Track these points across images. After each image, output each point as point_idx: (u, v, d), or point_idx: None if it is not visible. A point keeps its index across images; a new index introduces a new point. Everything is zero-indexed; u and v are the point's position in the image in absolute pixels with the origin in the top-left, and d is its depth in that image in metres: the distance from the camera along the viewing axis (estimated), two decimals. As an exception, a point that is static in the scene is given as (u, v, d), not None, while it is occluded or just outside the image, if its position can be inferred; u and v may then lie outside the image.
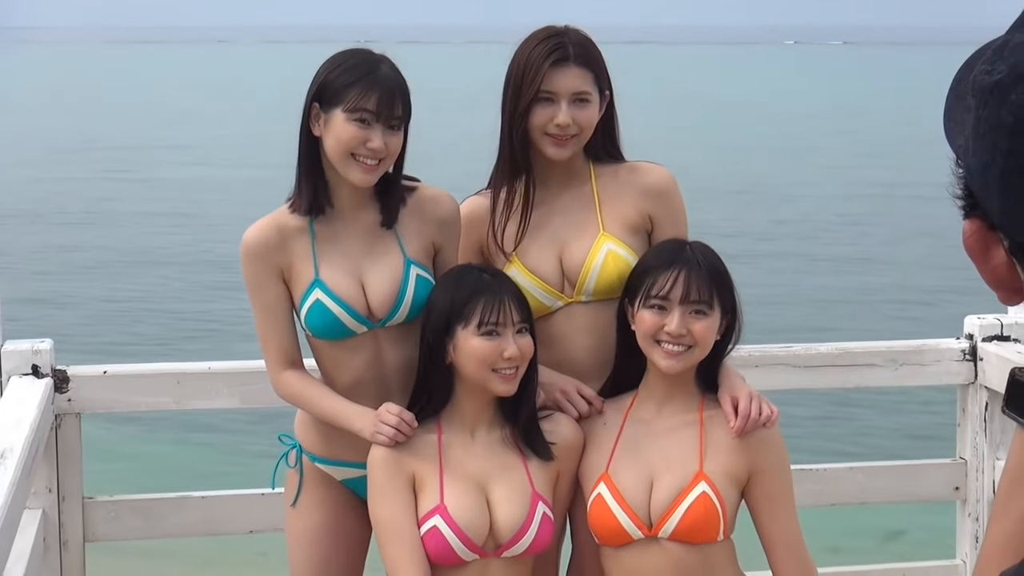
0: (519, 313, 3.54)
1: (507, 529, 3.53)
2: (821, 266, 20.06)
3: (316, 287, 3.71)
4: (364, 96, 3.60)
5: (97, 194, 27.40)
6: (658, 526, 3.52)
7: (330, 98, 3.64)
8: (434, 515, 3.52)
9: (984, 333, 4.89)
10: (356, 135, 3.60)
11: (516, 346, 3.51)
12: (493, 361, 3.50)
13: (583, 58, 3.74)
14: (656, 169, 3.89)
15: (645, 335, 3.55)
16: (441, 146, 26.64)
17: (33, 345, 4.45)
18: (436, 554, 3.51)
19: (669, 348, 3.53)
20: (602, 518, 3.55)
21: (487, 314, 3.51)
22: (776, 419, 3.59)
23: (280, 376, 3.80)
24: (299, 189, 3.74)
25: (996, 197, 1.34)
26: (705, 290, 3.53)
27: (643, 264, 3.63)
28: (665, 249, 3.64)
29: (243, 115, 48.18)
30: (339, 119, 3.62)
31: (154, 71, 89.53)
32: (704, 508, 3.50)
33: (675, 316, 3.51)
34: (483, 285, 3.55)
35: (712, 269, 3.57)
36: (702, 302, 3.53)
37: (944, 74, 1.47)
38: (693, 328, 3.51)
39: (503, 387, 3.53)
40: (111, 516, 4.58)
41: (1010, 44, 1.34)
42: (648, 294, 3.54)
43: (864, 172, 31.65)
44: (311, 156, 3.71)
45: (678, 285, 3.52)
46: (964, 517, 4.98)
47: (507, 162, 3.80)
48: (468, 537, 3.50)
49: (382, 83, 3.62)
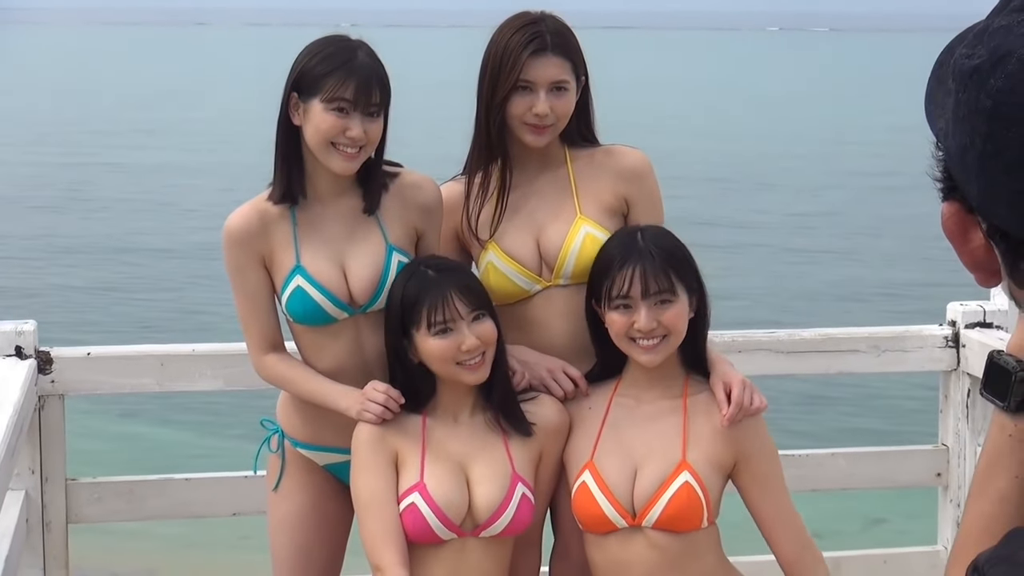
0: (468, 304, 3.53)
1: (485, 509, 3.54)
2: (800, 255, 20.07)
3: (297, 273, 3.70)
4: (341, 85, 3.60)
5: (73, 177, 27.31)
6: (641, 515, 3.52)
7: (308, 87, 3.64)
8: (413, 492, 3.53)
9: (967, 320, 4.90)
10: (335, 124, 3.60)
11: (473, 336, 3.51)
12: (453, 356, 3.52)
13: (561, 47, 3.74)
14: (631, 152, 3.89)
15: (618, 335, 3.56)
16: (423, 129, 26.60)
17: (16, 326, 4.45)
18: (413, 531, 3.52)
19: (644, 343, 3.53)
20: (586, 506, 3.56)
21: (432, 314, 3.52)
22: (765, 409, 3.61)
23: (263, 360, 3.81)
24: (275, 177, 3.74)
25: (974, 180, 1.35)
26: (664, 279, 3.52)
27: (600, 262, 3.62)
28: (617, 244, 3.61)
29: (223, 98, 48.02)
30: (318, 109, 3.62)
31: (132, 53, 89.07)
32: (687, 497, 3.50)
33: (642, 313, 3.50)
34: (426, 285, 3.56)
35: (667, 255, 3.55)
36: (664, 291, 3.52)
37: (929, 61, 1.47)
38: (662, 319, 3.51)
39: (472, 377, 3.55)
40: (94, 498, 4.58)
41: (990, 29, 1.35)
42: (610, 296, 3.54)
43: (844, 160, 31.69)
44: (289, 144, 3.71)
45: (636, 281, 3.51)
46: (946, 503, 4.99)
47: (483, 148, 3.80)
48: (445, 515, 3.51)
49: (359, 71, 3.62)
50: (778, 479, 3.63)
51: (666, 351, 3.55)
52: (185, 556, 8.32)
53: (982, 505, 1.62)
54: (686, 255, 3.61)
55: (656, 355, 3.54)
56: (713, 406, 3.59)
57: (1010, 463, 1.59)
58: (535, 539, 3.76)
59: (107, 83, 55.22)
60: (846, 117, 43.12)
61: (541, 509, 3.72)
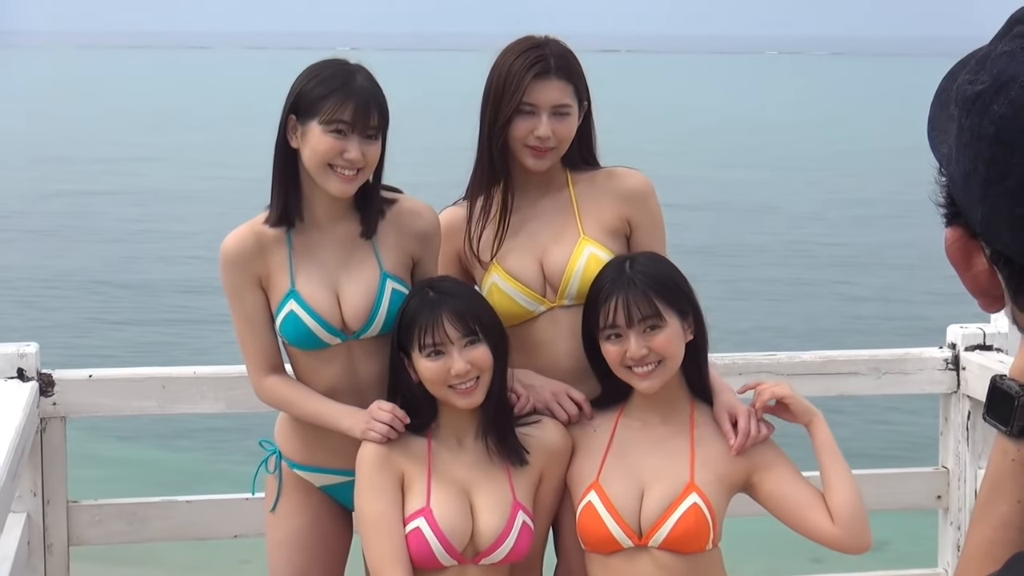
0: (460, 328, 3.53)
1: (487, 537, 3.54)
2: (802, 280, 20.07)
3: (291, 298, 3.71)
4: (340, 107, 3.61)
5: (69, 201, 27.34)
6: (648, 535, 3.52)
7: (306, 110, 3.65)
8: (419, 517, 3.53)
9: (967, 342, 4.91)
10: (333, 146, 3.61)
11: (463, 361, 3.51)
12: (444, 380, 3.52)
13: (564, 71, 3.76)
14: (633, 174, 3.91)
15: (614, 365, 3.57)
16: (425, 153, 26.62)
17: (19, 348, 4.45)
18: (416, 556, 3.52)
19: (640, 371, 3.54)
20: (592, 526, 3.56)
21: (424, 336, 3.53)
22: (770, 435, 3.63)
23: (263, 382, 3.81)
24: (272, 200, 3.75)
25: (978, 205, 1.36)
26: (647, 305, 3.52)
27: (590, 294, 3.64)
28: (603, 276, 3.62)
29: (222, 122, 48.05)
30: (316, 131, 3.63)
31: (130, 76, 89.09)
32: (695, 519, 3.51)
33: (631, 341, 3.52)
34: (423, 306, 3.57)
35: (652, 281, 3.56)
36: (649, 318, 3.52)
37: (930, 85, 1.49)
38: (652, 345, 3.52)
39: (463, 401, 3.55)
40: (96, 520, 4.58)
41: (993, 55, 1.35)
42: (601, 327, 3.56)
43: (844, 183, 31.70)
44: (287, 167, 3.72)
45: (619, 311, 3.52)
46: (946, 526, 4.99)
47: (485, 171, 3.82)
48: (450, 542, 3.51)
49: (357, 94, 3.63)
50: (796, 470, 3.63)
51: (663, 376, 3.56)
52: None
53: (984, 530, 1.63)
54: (675, 279, 3.61)
55: (653, 381, 3.55)
56: (719, 435, 3.61)
57: (1013, 488, 1.60)
58: (536, 561, 3.76)
59: (105, 107, 55.21)
60: (846, 140, 43.15)
61: (542, 531, 3.72)
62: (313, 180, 3.68)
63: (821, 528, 3.54)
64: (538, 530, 3.67)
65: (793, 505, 3.58)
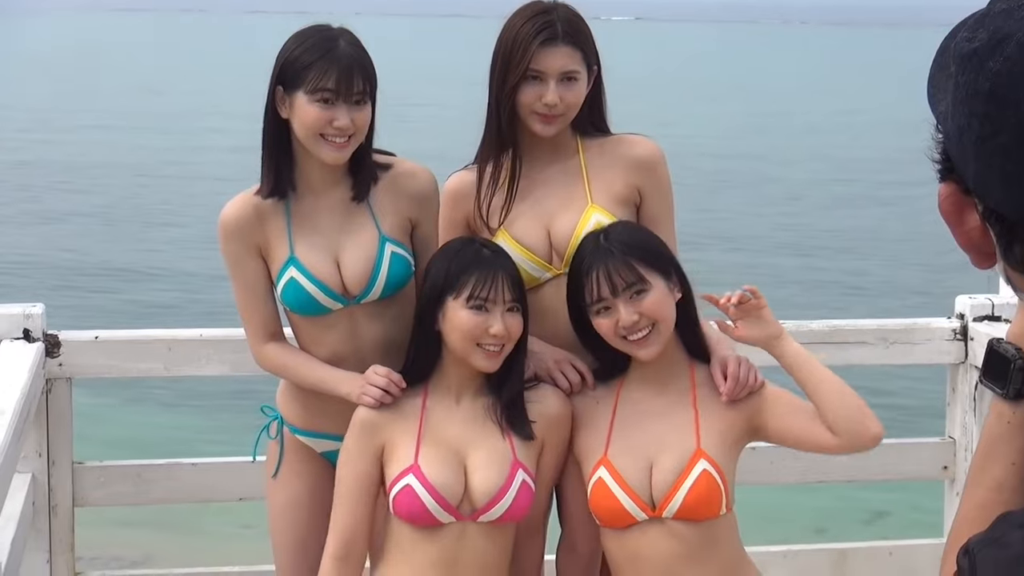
0: (512, 292, 3.53)
1: (483, 493, 3.54)
2: (802, 249, 20.08)
3: (291, 265, 3.72)
4: (323, 76, 3.60)
5: (72, 162, 27.38)
6: (662, 506, 3.52)
7: (292, 80, 3.65)
8: (407, 474, 3.53)
9: (975, 313, 4.90)
10: (320, 116, 3.60)
11: (503, 324, 3.51)
12: (478, 335, 3.51)
13: (572, 36, 3.73)
14: (643, 141, 3.89)
15: (609, 337, 3.56)
16: (436, 119, 26.60)
17: (24, 309, 4.45)
18: (410, 513, 3.52)
19: (635, 338, 3.53)
20: (604, 501, 3.55)
21: (478, 288, 3.51)
22: (762, 386, 3.62)
23: (262, 349, 3.82)
24: (263, 172, 3.75)
25: (971, 161, 1.37)
26: (629, 272, 3.51)
27: (571, 275, 3.63)
28: (581, 252, 3.61)
29: (225, 84, 48.01)
30: (302, 101, 3.62)
31: (126, 41, 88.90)
32: (707, 485, 3.51)
33: (620, 309, 3.50)
34: (481, 259, 3.55)
35: (629, 248, 3.55)
36: (633, 284, 3.51)
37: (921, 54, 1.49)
38: (642, 309, 3.51)
39: (485, 363, 3.54)
40: (100, 481, 4.59)
41: (991, 12, 1.37)
42: (589, 303, 3.55)
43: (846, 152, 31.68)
44: (277, 138, 3.72)
45: (602, 283, 3.51)
46: (952, 496, 4.99)
47: (494, 137, 3.80)
48: (441, 496, 3.51)
49: (340, 60, 3.62)
50: (790, 397, 3.61)
51: (659, 340, 3.54)
52: (190, 541, 8.33)
53: (978, 493, 1.64)
54: (652, 242, 3.61)
55: (652, 346, 3.54)
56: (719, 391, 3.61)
57: (1007, 450, 1.61)
58: (539, 527, 3.75)
59: (109, 70, 55.17)
60: (843, 110, 43.11)
61: (544, 498, 3.71)
62: (305, 149, 3.68)
63: (826, 444, 3.53)
64: (541, 497, 3.67)
65: (797, 434, 3.57)
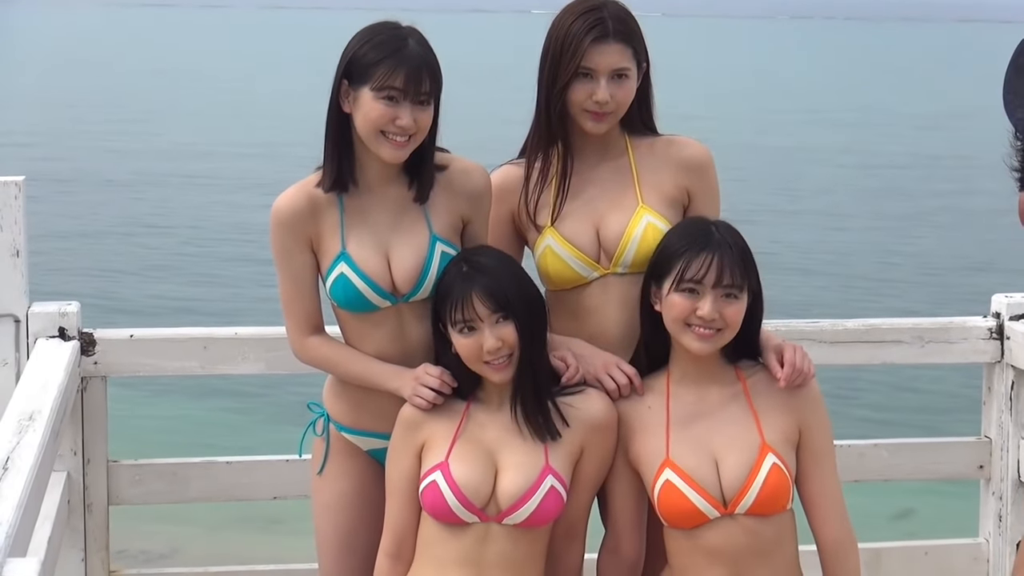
0: (490, 305, 3.53)
1: (509, 495, 3.54)
2: (835, 243, 20.01)
3: (342, 260, 3.72)
4: (391, 74, 3.60)
5: (102, 158, 27.48)
6: (734, 503, 3.52)
7: (358, 76, 3.64)
8: (435, 471, 3.56)
9: (1011, 312, 4.87)
10: (384, 113, 3.60)
11: (494, 338, 3.52)
12: (477, 355, 3.54)
13: (623, 33, 3.73)
14: (693, 143, 3.89)
15: (676, 319, 3.54)
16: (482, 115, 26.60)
17: (60, 307, 4.46)
18: (433, 509, 3.56)
19: (700, 331, 3.52)
20: (675, 502, 3.54)
21: (455, 313, 3.55)
22: (814, 374, 3.62)
23: (305, 341, 3.82)
24: (325, 165, 3.75)
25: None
26: (738, 274, 3.52)
27: (670, 247, 3.60)
28: (692, 231, 3.61)
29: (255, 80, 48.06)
30: (367, 97, 3.62)
31: (148, 34, 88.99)
32: (777, 479, 3.51)
33: (707, 300, 3.50)
34: (454, 282, 3.59)
35: (741, 251, 3.56)
36: (734, 286, 3.52)
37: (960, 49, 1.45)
38: (725, 312, 3.51)
39: (496, 376, 3.56)
40: (136, 480, 4.60)
41: None
42: (681, 278, 3.52)
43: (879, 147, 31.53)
44: (340, 132, 3.71)
45: (712, 269, 3.50)
46: (988, 496, 4.97)
47: (543, 134, 3.80)
48: (465, 496, 3.52)
49: (409, 60, 3.62)
50: (831, 457, 3.64)
51: (718, 344, 3.55)
52: (224, 539, 8.34)
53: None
54: (753, 257, 3.62)
55: (708, 344, 3.53)
56: (772, 384, 3.60)
57: None
58: (579, 532, 3.73)
59: (135, 64, 55.30)
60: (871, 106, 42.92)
61: (586, 503, 3.70)
62: (365, 145, 3.68)
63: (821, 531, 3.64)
64: (581, 502, 3.66)
65: (811, 490, 3.62)
